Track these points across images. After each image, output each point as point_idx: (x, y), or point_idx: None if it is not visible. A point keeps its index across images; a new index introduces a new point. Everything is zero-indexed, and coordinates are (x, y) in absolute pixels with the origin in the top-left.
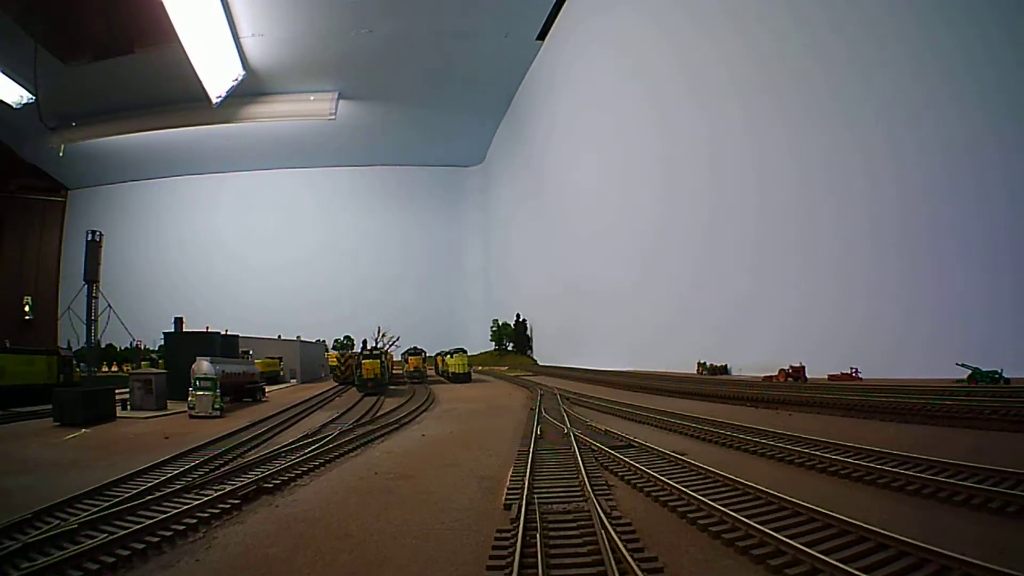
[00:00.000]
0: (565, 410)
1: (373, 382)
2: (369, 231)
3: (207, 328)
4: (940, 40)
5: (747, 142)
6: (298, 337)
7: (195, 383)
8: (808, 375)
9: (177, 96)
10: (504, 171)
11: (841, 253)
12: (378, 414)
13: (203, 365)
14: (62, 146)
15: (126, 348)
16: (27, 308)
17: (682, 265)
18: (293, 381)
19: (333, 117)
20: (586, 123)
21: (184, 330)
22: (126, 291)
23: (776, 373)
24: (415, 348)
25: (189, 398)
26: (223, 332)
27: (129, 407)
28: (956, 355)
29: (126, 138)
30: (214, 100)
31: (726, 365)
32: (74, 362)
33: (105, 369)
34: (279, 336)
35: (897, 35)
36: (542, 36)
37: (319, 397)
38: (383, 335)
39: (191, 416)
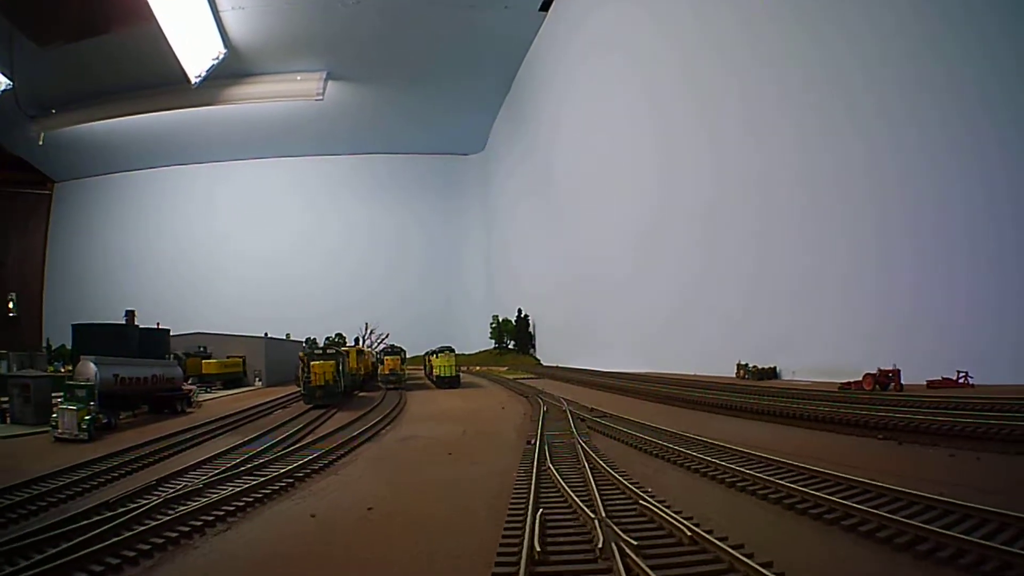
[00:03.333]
0: (582, 447)
1: (323, 390)
2: (361, 224)
3: (127, 319)
4: (941, 40)
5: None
6: (287, 335)
7: (65, 392)
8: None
9: (157, 78)
10: (506, 159)
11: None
12: (295, 444)
13: (87, 367)
14: (42, 134)
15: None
16: (11, 305)
17: (708, 251)
18: (258, 383)
19: (320, 98)
20: (596, 103)
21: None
22: (114, 286)
23: (860, 379)
24: (392, 347)
25: (53, 412)
26: (156, 325)
27: (8, 419)
28: None
29: (112, 128)
30: (193, 80)
31: (775, 367)
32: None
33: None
34: (266, 334)
35: (898, 32)
36: (545, 7)
37: (260, 407)
38: (371, 332)
39: (56, 437)
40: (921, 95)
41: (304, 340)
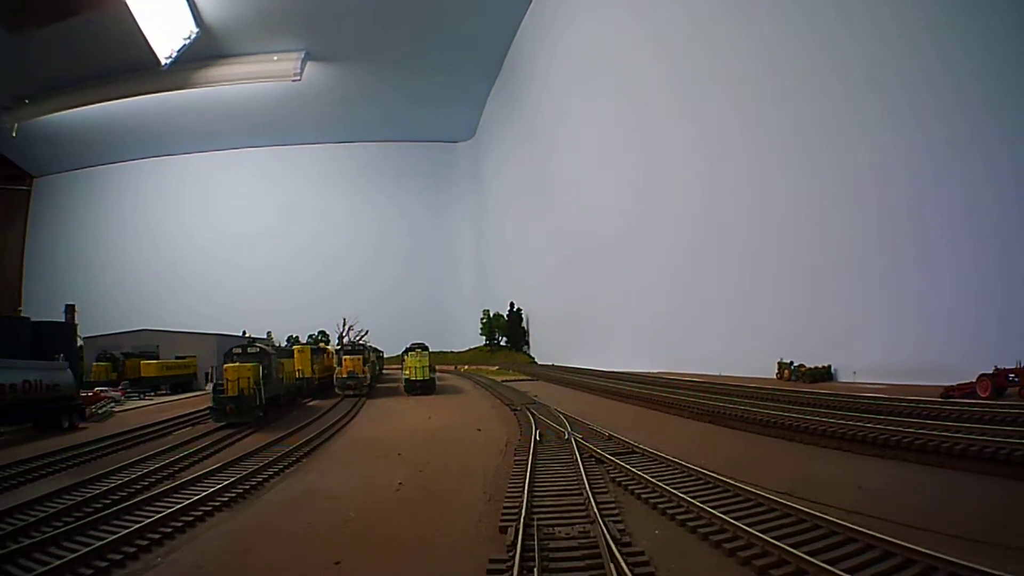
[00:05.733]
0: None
1: (236, 403)
2: (345, 217)
3: (66, 315)
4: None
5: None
6: (268, 332)
7: None
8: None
9: (130, 62)
10: (499, 146)
11: None
12: (125, 503)
13: None
14: (15, 125)
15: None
16: None
17: (723, 231)
18: (210, 386)
19: (298, 78)
20: (593, 82)
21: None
22: (95, 282)
23: (973, 380)
24: (353, 345)
25: None
26: (65, 319)
27: None
28: None
29: (88, 118)
30: (163, 61)
31: (829, 367)
32: None
33: None
34: (244, 332)
35: (900, 29)
36: None
37: (169, 423)
38: (349, 328)
39: None
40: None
41: (286, 339)
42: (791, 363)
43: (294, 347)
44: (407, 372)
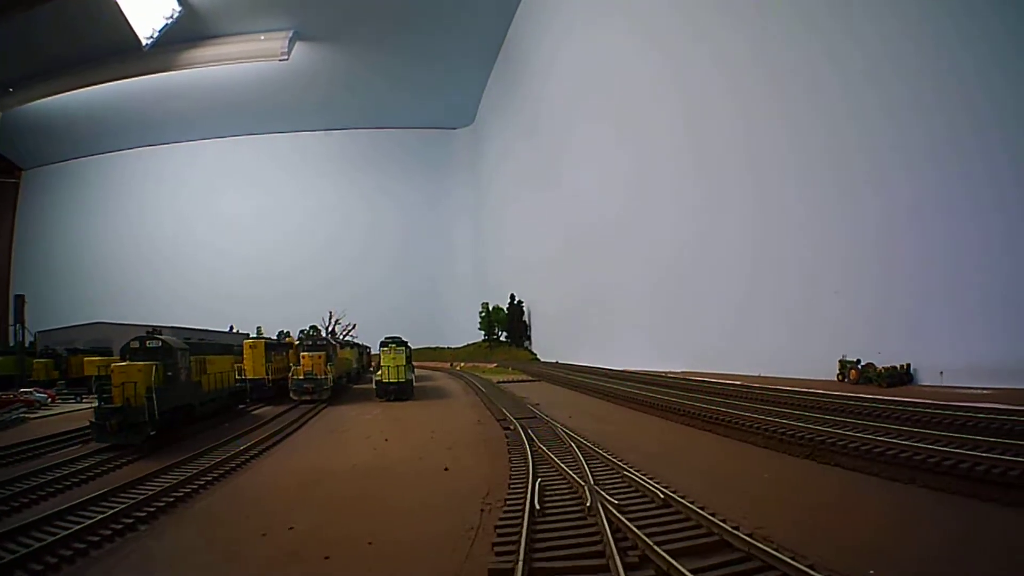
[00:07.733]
0: None
1: (121, 417)
2: (338, 206)
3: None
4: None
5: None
6: (258, 328)
7: None
8: None
9: (112, 44)
10: (500, 132)
11: None
12: None
13: None
14: None
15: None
16: None
17: (759, 212)
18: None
19: (286, 58)
20: (602, 61)
21: None
22: (84, 276)
23: None
24: (314, 340)
25: None
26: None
27: None
28: None
29: (77, 109)
30: (144, 42)
31: (908, 366)
32: None
33: None
34: (232, 328)
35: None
36: None
37: (78, 434)
38: (336, 321)
39: None
40: None
41: (276, 334)
42: (857, 361)
43: (245, 342)
44: (380, 373)
